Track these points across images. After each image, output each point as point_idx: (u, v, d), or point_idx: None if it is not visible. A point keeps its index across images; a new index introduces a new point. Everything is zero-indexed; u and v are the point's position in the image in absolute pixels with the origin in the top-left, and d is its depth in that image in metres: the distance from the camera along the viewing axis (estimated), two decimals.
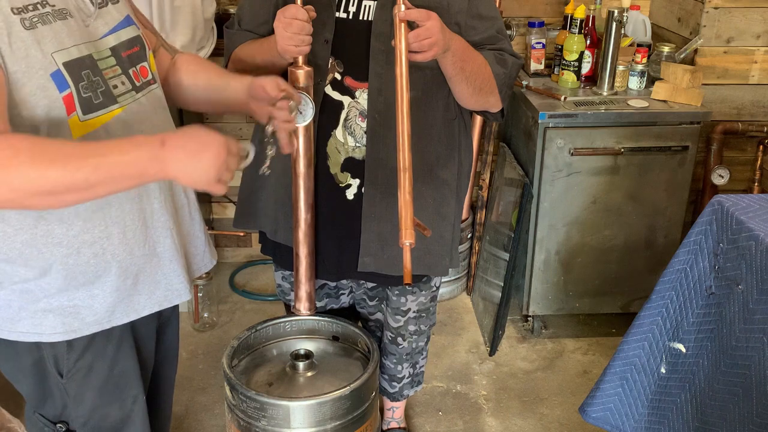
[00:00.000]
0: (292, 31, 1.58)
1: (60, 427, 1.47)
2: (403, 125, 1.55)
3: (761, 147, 2.91)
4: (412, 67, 1.71)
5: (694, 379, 1.77)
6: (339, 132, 1.78)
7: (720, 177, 2.84)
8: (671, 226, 2.79)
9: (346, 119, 1.77)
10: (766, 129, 2.89)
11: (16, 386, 1.48)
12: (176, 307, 1.62)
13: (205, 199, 3.27)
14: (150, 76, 1.45)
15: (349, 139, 1.78)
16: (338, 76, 1.76)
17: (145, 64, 1.44)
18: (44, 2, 1.25)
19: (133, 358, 1.48)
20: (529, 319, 2.99)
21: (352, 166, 1.80)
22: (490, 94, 1.80)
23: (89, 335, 1.38)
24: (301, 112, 1.63)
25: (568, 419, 2.52)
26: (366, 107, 1.75)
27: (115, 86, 1.35)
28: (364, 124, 1.77)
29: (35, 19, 1.21)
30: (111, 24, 1.38)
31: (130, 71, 1.39)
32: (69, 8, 1.29)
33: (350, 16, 1.73)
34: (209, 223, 3.32)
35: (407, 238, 1.52)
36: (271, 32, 1.71)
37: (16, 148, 1.11)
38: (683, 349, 1.82)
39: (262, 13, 1.80)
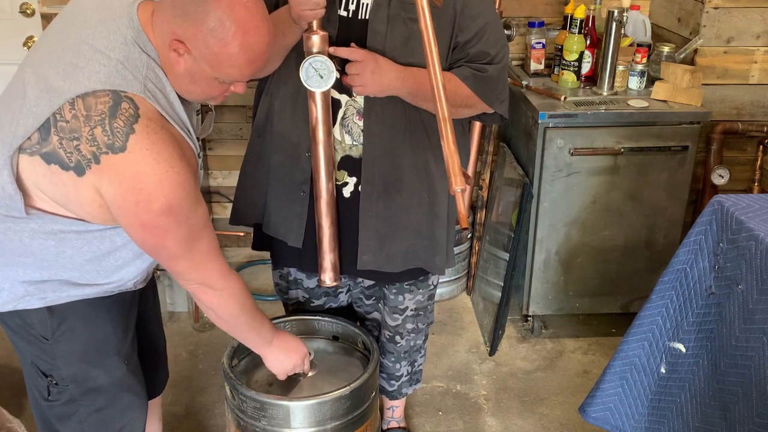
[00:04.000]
0: None
1: (50, 380, 1.55)
2: (437, 76, 1.54)
3: (761, 147, 2.91)
4: (410, 64, 1.71)
5: (694, 379, 1.77)
6: (336, 130, 1.78)
7: (720, 177, 2.84)
8: (671, 226, 2.79)
9: (343, 117, 1.77)
10: (766, 129, 2.88)
11: (14, 345, 1.58)
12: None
13: (204, 199, 3.26)
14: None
15: (346, 137, 1.78)
16: (337, 74, 1.75)
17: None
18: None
19: (114, 322, 1.57)
20: (529, 319, 2.99)
21: (348, 164, 1.80)
22: (474, 107, 1.82)
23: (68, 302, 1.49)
24: (322, 76, 1.64)
25: (568, 419, 2.52)
26: (363, 106, 1.76)
27: None
28: (361, 123, 1.77)
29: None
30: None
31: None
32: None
33: (350, 14, 1.73)
34: None
35: (458, 185, 1.55)
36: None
37: (241, 292, 1.57)
38: (683, 349, 1.82)
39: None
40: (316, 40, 1.65)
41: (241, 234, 3.38)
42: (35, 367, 1.55)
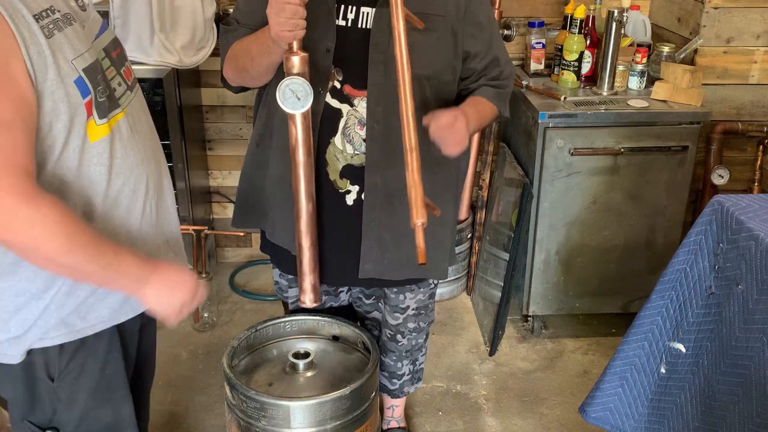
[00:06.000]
0: (285, 16, 1.54)
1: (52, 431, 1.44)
2: (407, 105, 1.54)
3: (761, 147, 2.91)
4: (412, 76, 1.71)
5: (694, 379, 1.77)
6: (338, 139, 1.78)
7: (720, 177, 2.84)
8: (671, 226, 2.79)
9: (344, 127, 1.77)
10: (766, 129, 2.88)
11: (2, 393, 1.44)
12: None
13: (204, 199, 3.27)
14: (133, 75, 1.46)
15: (348, 146, 1.78)
16: (337, 84, 1.75)
17: (127, 63, 1.45)
18: (53, 8, 1.22)
19: (122, 359, 1.47)
20: (529, 319, 2.99)
21: (350, 172, 1.80)
22: (493, 119, 1.92)
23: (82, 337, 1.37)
24: (299, 98, 1.60)
25: (568, 419, 2.52)
26: (365, 115, 1.75)
27: (114, 89, 1.35)
28: (362, 132, 1.76)
29: (51, 26, 1.20)
30: (96, 26, 1.38)
31: (122, 71, 1.40)
32: (71, 12, 1.28)
33: (349, 24, 1.72)
34: (209, 224, 3.32)
35: (419, 218, 1.53)
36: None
37: (62, 217, 1.17)
38: (683, 349, 1.82)
39: (259, 17, 1.77)
40: (295, 61, 1.61)
41: (241, 234, 3.38)
42: (29, 425, 1.42)
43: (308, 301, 1.84)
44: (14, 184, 1.12)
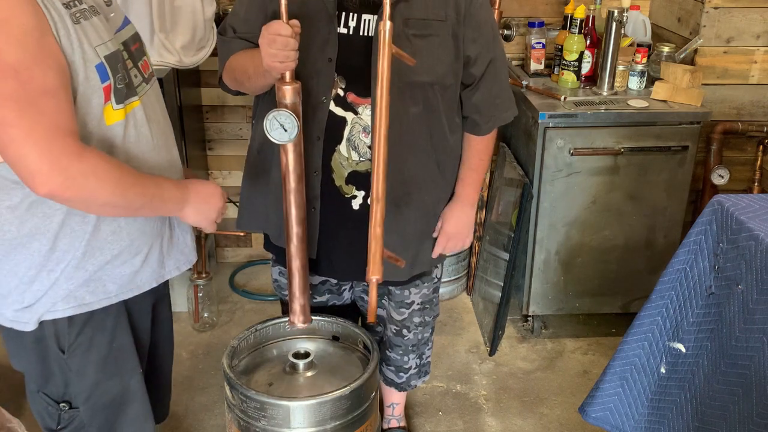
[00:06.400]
0: (276, 48, 1.52)
1: (63, 406, 1.51)
2: (379, 156, 1.56)
3: (761, 147, 2.91)
4: (415, 83, 1.71)
5: (694, 379, 1.77)
6: (343, 147, 1.78)
7: (720, 177, 2.84)
8: (671, 226, 2.79)
9: (349, 135, 1.77)
10: (766, 129, 2.88)
11: (18, 366, 1.52)
12: (167, 283, 1.68)
13: None
14: (150, 69, 1.54)
15: (353, 153, 1.78)
16: (341, 92, 1.75)
17: (145, 58, 1.53)
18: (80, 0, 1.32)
19: (130, 333, 1.54)
20: (529, 319, 2.99)
21: (356, 179, 1.81)
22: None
23: (90, 310, 1.45)
24: (286, 130, 1.59)
25: (568, 419, 2.52)
26: (369, 123, 1.75)
27: (132, 79, 1.44)
28: (367, 140, 1.77)
29: (78, 15, 1.30)
30: (119, 21, 1.47)
31: (139, 64, 1.48)
32: (96, 5, 1.38)
33: (350, 31, 1.72)
34: None
35: (374, 274, 1.56)
36: None
37: (109, 166, 1.30)
38: (683, 349, 1.82)
39: (257, 26, 1.76)
40: (287, 91, 1.59)
41: (241, 234, 3.36)
42: (44, 397, 1.51)
43: (298, 322, 1.86)
44: (64, 145, 1.24)
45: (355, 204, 1.83)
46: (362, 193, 1.82)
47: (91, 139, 1.33)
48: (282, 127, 1.59)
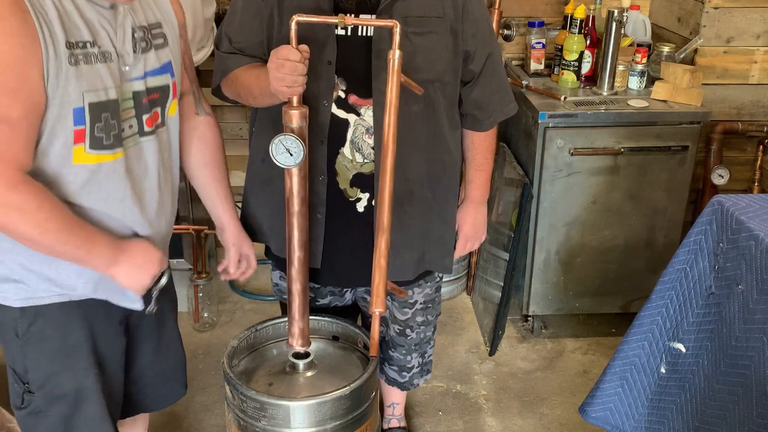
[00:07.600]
0: (284, 72, 1.52)
1: (26, 386, 1.54)
2: (385, 186, 1.55)
3: (761, 147, 2.91)
4: (416, 81, 1.71)
5: (694, 379, 1.77)
6: (347, 149, 1.77)
7: (720, 177, 2.84)
8: (671, 226, 2.79)
9: (353, 137, 1.77)
10: (766, 129, 2.89)
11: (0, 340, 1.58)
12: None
13: None
14: (160, 120, 1.54)
15: (357, 155, 1.78)
16: (342, 94, 1.74)
17: (158, 109, 1.53)
18: (94, 42, 1.35)
19: (87, 333, 1.55)
20: (529, 319, 2.99)
21: (360, 181, 1.80)
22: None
23: (42, 304, 1.48)
24: (291, 154, 1.59)
25: (568, 419, 2.52)
26: (372, 124, 1.75)
27: (123, 129, 1.43)
28: (371, 141, 1.76)
29: (80, 56, 1.32)
30: (141, 71, 1.47)
31: (144, 116, 1.49)
32: (112, 52, 1.39)
33: (349, 32, 1.71)
34: (209, 223, 3.32)
35: (377, 307, 1.56)
36: (264, 52, 1.71)
37: (40, 205, 1.32)
38: (683, 349, 1.82)
39: (253, 33, 1.76)
40: (293, 116, 1.59)
41: None
42: (13, 372, 1.55)
43: (297, 345, 1.85)
44: (2, 173, 1.28)
45: (360, 206, 1.83)
46: (367, 195, 1.82)
47: (44, 173, 1.35)
48: (288, 152, 1.59)
